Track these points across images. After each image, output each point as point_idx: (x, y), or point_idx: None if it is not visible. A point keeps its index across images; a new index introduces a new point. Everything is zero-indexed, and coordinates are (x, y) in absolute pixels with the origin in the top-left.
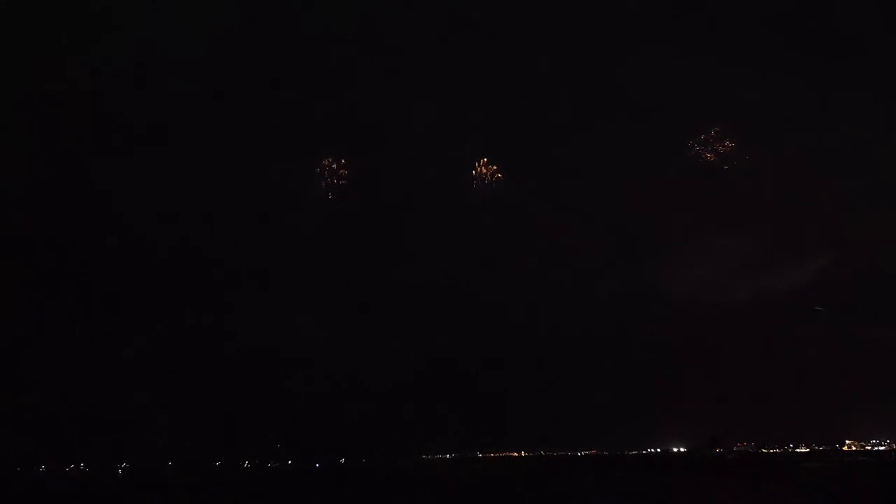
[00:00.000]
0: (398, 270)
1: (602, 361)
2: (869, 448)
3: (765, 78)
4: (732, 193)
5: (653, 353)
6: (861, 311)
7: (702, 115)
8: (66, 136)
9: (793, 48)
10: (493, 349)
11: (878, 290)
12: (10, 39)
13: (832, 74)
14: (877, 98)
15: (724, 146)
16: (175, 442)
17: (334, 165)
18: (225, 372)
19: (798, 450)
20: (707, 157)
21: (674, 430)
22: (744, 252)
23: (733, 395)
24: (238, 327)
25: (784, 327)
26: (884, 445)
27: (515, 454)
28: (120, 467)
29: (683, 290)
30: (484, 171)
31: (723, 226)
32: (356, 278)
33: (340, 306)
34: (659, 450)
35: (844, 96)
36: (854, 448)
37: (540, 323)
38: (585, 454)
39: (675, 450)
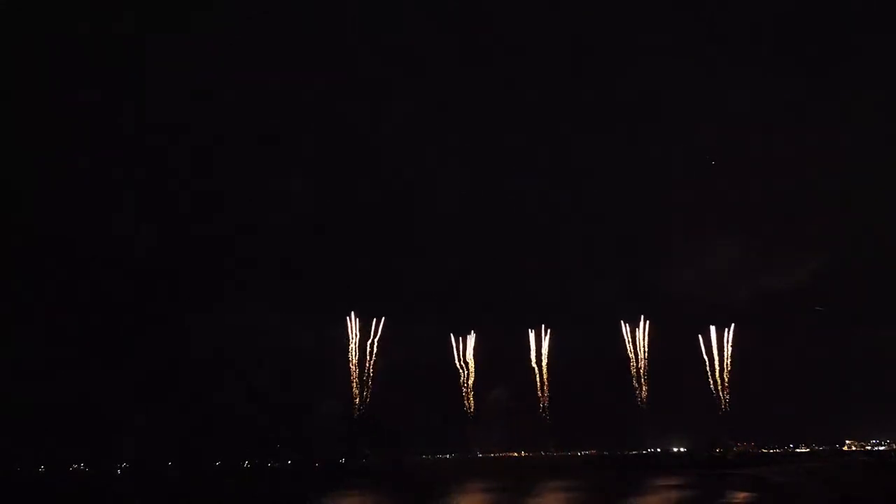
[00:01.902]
0: (394, 271)
1: (602, 361)
2: (869, 448)
3: (764, 78)
4: (732, 193)
5: (652, 353)
6: (861, 311)
7: (701, 115)
8: (55, 137)
9: (792, 48)
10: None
11: (878, 291)
12: (6, 39)
13: (832, 75)
14: (877, 98)
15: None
16: (174, 442)
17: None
18: (222, 372)
19: (798, 450)
20: None
21: (674, 430)
22: (744, 252)
23: (733, 395)
24: (235, 328)
25: (784, 327)
26: (884, 445)
27: (515, 454)
28: (120, 467)
29: (683, 291)
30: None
31: (723, 226)
32: (350, 279)
33: (334, 307)
34: (659, 450)
35: (844, 96)
36: (854, 448)
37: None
38: (585, 454)
39: (676, 450)
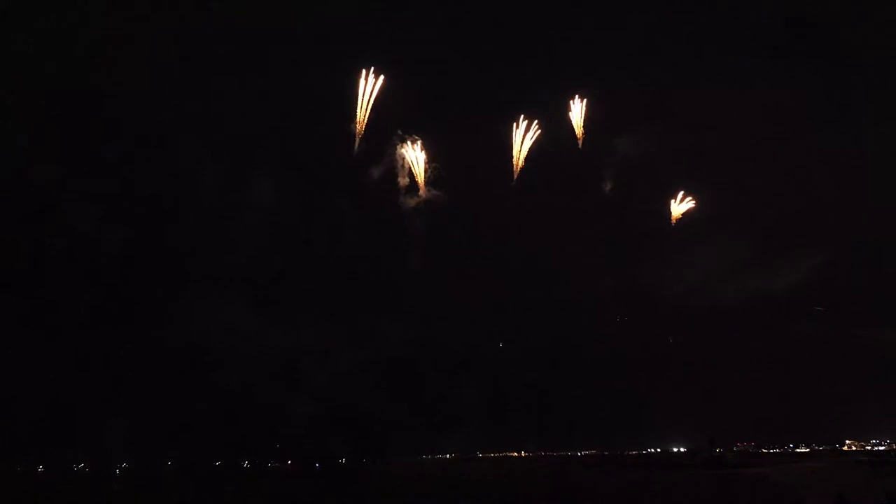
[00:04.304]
0: (391, 266)
1: (601, 362)
2: (869, 448)
3: (764, 78)
4: (731, 193)
5: (652, 354)
6: (860, 311)
7: (700, 114)
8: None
9: (792, 49)
10: (490, 349)
11: (878, 291)
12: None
13: (833, 74)
14: (877, 98)
15: None
16: (174, 442)
17: None
18: (220, 371)
19: (798, 450)
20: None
21: (674, 430)
22: (743, 252)
23: (733, 395)
24: (231, 327)
25: (783, 327)
26: (884, 445)
27: (515, 454)
28: (119, 467)
29: (682, 291)
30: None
31: (722, 226)
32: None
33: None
34: (659, 450)
35: (845, 96)
36: (854, 448)
37: (538, 322)
38: (585, 454)
39: (675, 450)
